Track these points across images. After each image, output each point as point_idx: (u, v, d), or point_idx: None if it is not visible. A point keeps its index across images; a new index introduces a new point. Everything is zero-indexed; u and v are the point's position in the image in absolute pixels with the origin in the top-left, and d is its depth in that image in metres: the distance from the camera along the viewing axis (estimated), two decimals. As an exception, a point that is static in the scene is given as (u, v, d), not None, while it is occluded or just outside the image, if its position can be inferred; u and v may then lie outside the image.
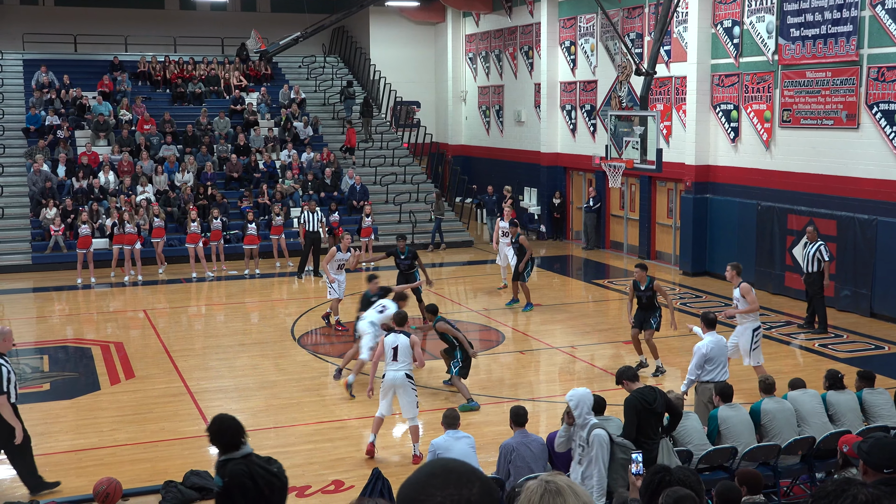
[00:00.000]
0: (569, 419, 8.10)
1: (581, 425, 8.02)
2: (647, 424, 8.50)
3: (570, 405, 8.07)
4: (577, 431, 8.07)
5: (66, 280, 21.46)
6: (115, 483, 7.40)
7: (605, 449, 7.86)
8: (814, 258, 16.21)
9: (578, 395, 8.12)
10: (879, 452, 4.74)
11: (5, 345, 9.23)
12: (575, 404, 8.05)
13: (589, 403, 8.12)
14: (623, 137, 19.70)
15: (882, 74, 17.06)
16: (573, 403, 8.05)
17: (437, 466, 2.43)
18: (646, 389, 8.70)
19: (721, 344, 10.91)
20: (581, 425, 8.02)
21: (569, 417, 8.09)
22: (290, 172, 26.28)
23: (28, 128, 26.76)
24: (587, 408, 8.08)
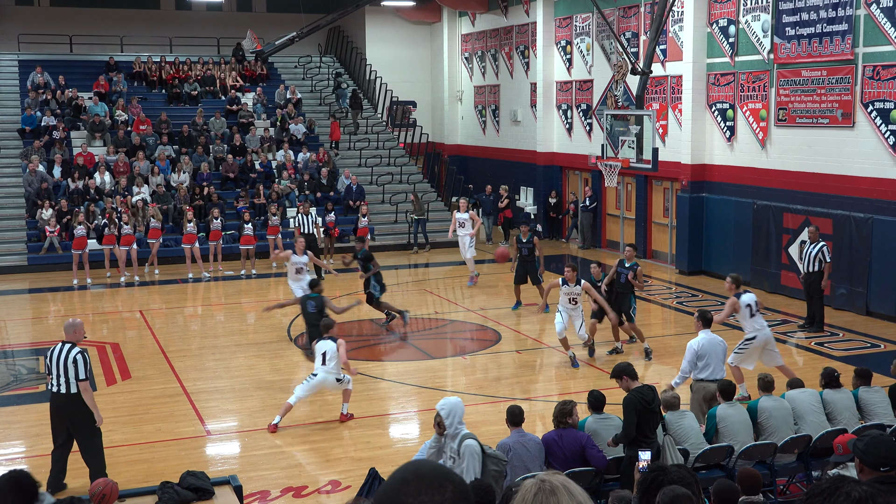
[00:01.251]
0: (439, 429, 7.68)
1: (452, 436, 7.62)
2: (646, 423, 8.52)
3: (441, 414, 7.64)
4: (448, 442, 7.66)
5: (62, 281, 21.44)
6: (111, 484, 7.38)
7: (476, 461, 7.48)
8: (815, 258, 16.21)
9: (450, 403, 7.70)
10: (875, 451, 4.74)
11: (77, 335, 9.77)
12: (446, 413, 7.63)
13: (461, 413, 7.69)
14: (619, 137, 19.72)
15: (877, 73, 17.08)
16: (444, 413, 7.63)
17: (410, 472, 2.39)
18: (644, 388, 8.70)
19: (715, 342, 10.84)
20: (452, 436, 7.62)
21: (439, 427, 7.67)
22: (286, 172, 26.27)
23: (24, 128, 26.72)
24: (459, 417, 7.66)
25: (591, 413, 9.22)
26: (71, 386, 9.56)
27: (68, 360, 9.54)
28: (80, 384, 9.55)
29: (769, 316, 17.65)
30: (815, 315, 16.49)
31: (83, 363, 9.58)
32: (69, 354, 9.56)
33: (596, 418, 9.13)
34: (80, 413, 9.67)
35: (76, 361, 9.53)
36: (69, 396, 9.59)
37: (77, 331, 9.85)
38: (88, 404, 9.65)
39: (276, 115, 29.34)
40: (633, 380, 8.89)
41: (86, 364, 9.62)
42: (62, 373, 9.56)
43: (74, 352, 9.59)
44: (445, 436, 7.66)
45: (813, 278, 16.26)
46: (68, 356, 9.55)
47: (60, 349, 9.66)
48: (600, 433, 8.93)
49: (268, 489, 9.98)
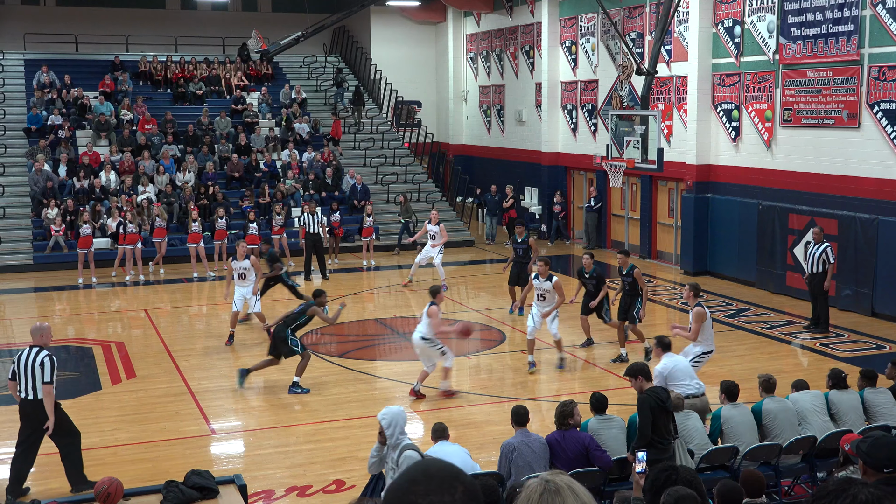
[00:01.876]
0: (381, 438, 7.56)
1: (393, 446, 7.48)
2: (661, 423, 8.49)
3: (381, 424, 7.50)
4: (389, 453, 7.53)
5: (68, 280, 21.48)
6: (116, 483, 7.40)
7: None
8: (819, 259, 16.18)
9: (392, 413, 7.56)
10: (878, 452, 4.74)
11: (44, 339, 9.74)
12: (388, 423, 7.49)
13: (403, 423, 7.54)
14: (624, 137, 19.68)
15: (883, 74, 17.05)
16: (385, 422, 7.49)
17: (419, 471, 2.39)
18: (658, 388, 8.66)
19: (678, 363, 10.70)
20: (393, 446, 7.48)
21: (381, 437, 7.54)
22: (290, 172, 26.29)
23: (29, 128, 26.78)
24: (401, 427, 7.52)
25: (594, 414, 9.21)
26: (38, 391, 9.45)
27: (35, 363, 9.44)
28: (44, 387, 9.42)
29: (774, 317, 17.64)
30: (819, 316, 16.46)
31: (49, 366, 9.45)
32: (36, 358, 9.47)
33: (598, 419, 9.12)
34: (34, 421, 9.52)
35: (43, 364, 9.42)
36: (36, 402, 9.49)
37: (44, 334, 9.77)
38: (46, 408, 9.47)
39: (281, 115, 29.36)
40: (648, 380, 8.84)
41: (53, 367, 9.48)
42: (29, 378, 9.45)
43: (42, 355, 9.49)
44: (387, 446, 7.46)
45: (817, 279, 16.23)
46: (35, 360, 9.46)
47: (28, 353, 9.57)
48: (603, 434, 8.92)
49: (272, 488, 9.99)
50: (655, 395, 8.52)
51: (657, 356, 10.93)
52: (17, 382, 9.57)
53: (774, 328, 16.76)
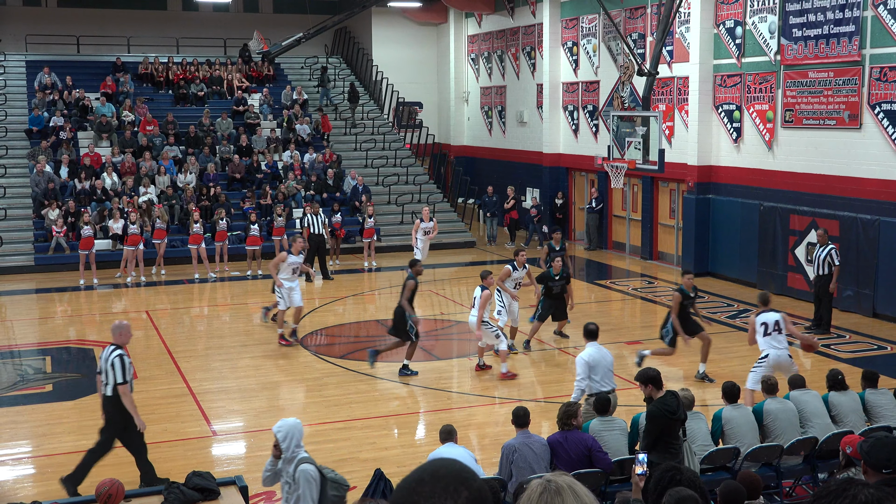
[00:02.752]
0: (275, 452, 7.33)
1: (289, 459, 7.24)
2: (671, 431, 8.50)
3: (277, 437, 7.26)
4: (284, 466, 7.29)
5: (69, 281, 21.49)
6: (117, 484, 7.39)
7: (312, 486, 7.07)
8: (824, 261, 16.14)
9: (287, 425, 7.31)
10: (879, 452, 4.74)
11: (123, 338, 9.88)
12: (283, 436, 7.25)
13: (299, 436, 7.32)
14: (625, 138, 19.67)
15: (884, 74, 17.05)
16: (281, 435, 7.25)
17: (428, 472, 2.38)
18: (668, 398, 8.61)
19: (603, 353, 10.65)
20: (289, 459, 7.24)
21: (275, 450, 7.32)
22: (292, 173, 26.30)
23: (31, 129, 26.79)
24: (297, 440, 7.30)
25: (597, 416, 9.20)
26: (108, 389, 9.73)
27: (108, 362, 9.69)
28: (119, 388, 9.64)
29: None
30: (822, 317, 16.44)
31: (120, 367, 9.65)
32: (111, 357, 9.71)
33: (601, 421, 9.12)
34: (112, 414, 9.82)
35: (114, 365, 9.66)
36: (107, 398, 9.76)
37: (122, 333, 9.95)
38: (128, 408, 9.74)
39: (282, 116, 29.38)
40: (658, 389, 8.78)
41: (123, 367, 9.67)
42: (106, 375, 9.74)
43: (114, 355, 9.70)
44: (283, 459, 7.28)
45: (822, 281, 16.19)
46: (109, 358, 9.71)
47: (106, 351, 9.82)
48: (605, 436, 8.91)
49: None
50: (665, 406, 8.47)
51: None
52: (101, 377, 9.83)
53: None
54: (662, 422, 8.42)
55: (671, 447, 8.43)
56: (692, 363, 14.81)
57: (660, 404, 8.50)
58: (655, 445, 8.38)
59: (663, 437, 8.45)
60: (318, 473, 7.12)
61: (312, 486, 7.03)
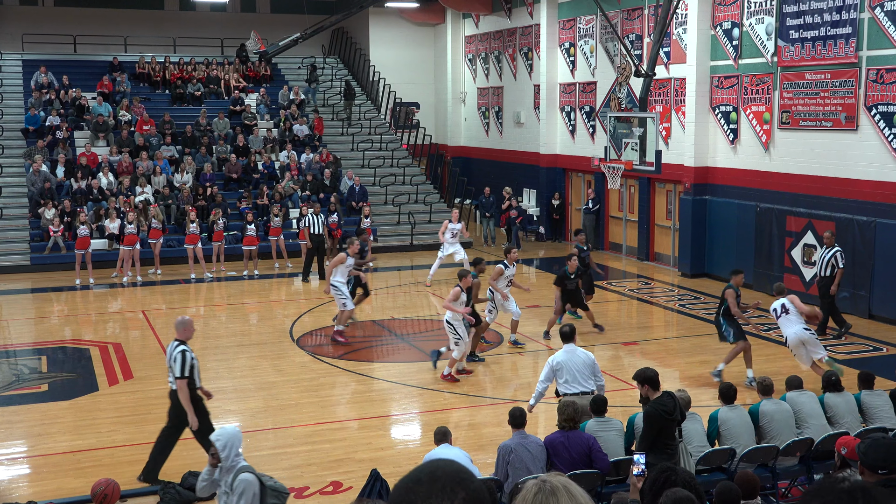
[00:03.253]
0: (212, 461, 7.25)
1: (228, 468, 7.16)
2: (668, 431, 8.52)
3: (216, 446, 7.18)
4: (223, 475, 7.20)
5: (65, 281, 21.46)
6: (113, 484, 7.40)
7: (252, 495, 6.99)
8: (829, 263, 16.10)
9: (227, 434, 7.26)
10: (875, 453, 4.75)
11: (186, 333, 10.12)
12: (223, 445, 7.17)
13: (239, 444, 7.26)
14: (622, 139, 19.70)
15: (881, 76, 17.07)
16: (221, 444, 7.17)
17: (425, 472, 2.38)
18: (664, 398, 8.62)
19: (574, 356, 10.48)
20: (228, 468, 7.16)
21: (213, 459, 7.24)
22: (289, 173, 26.28)
23: (27, 128, 26.76)
24: (237, 449, 7.23)
25: (594, 416, 9.21)
26: (172, 383, 9.97)
27: (172, 357, 9.89)
28: (177, 382, 9.83)
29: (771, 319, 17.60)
30: (838, 319, 16.33)
31: (181, 361, 9.81)
32: (173, 352, 9.89)
33: (597, 422, 9.12)
34: (173, 410, 10.09)
35: (175, 360, 9.83)
36: (173, 391, 9.99)
37: (186, 328, 10.14)
38: (182, 403, 9.89)
39: (279, 116, 29.36)
40: (655, 390, 8.78)
41: (184, 362, 9.81)
42: (170, 369, 9.96)
43: (177, 350, 9.88)
44: (220, 468, 7.20)
45: (825, 282, 16.15)
46: (173, 353, 9.90)
47: (171, 346, 10.02)
48: (601, 437, 8.91)
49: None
50: (663, 407, 8.47)
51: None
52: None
53: (771, 330, 16.73)
54: (659, 423, 8.42)
55: (668, 448, 8.44)
56: (688, 364, 14.83)
57: (657, 405, 8.51)
58: (652, 446, 8.38)
59: (660, 437, 8.46)
60: (257, 482, 7.02)
61: (251, 495, 6.93)
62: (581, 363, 10.45)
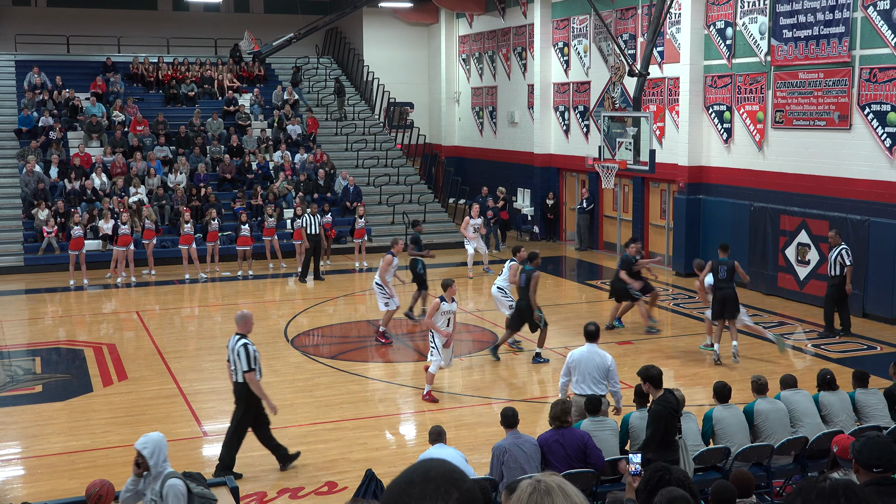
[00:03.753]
0: (137, 470, 7.05)
1: (155, 476, 7.00)
2: (672, 428, 8.56)
3: (143, 454, 6.98)
4: (149, 483, 7.02)
5: (59, 282, 21.42)
6: (107, 485, 7.37)
7: (181, 501, 6.91)
8: (836, 262, 15.98)
9: (153, 441, 7.07)
10: (869, 451, 4.76)
11: (246, 326, 10.32)
12: (150, 452, 6.99)
13: (165, 450, 7.11)
14: (616, 138, 19.70)
15: (874, 75, 17.11)
16: (148, 451, 6.99)
17: (418, 473, 2.37)
18: (668, 395, 8.63)
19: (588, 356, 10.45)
20: (155, 476, 7.00)
21: (137, 468, 7.05)
22: (283, 174, 26.26)
23: (20, 129, 26.69)
24: (164, 455, 7.08)
25: (588, 416, 9.21)
26: (238, 376, 10.15)
27: (235, 351, 10.11)
28: (245, 375, 10.06)
29: (765, 318, 17.66)
30: (844, 322, 16.12)
31: (245, 355, 10.04)
32: (236, 346, 10.11)
33: (591, 421, 9.12)
34: (239, 402, 10.28)
35: (239, 354, 10.05)
36: (239, 385, 10.21)
37: (246, 322, 10.35)
38: (256, 393, 10.15)
39: (273, 117, 29.33)
40: (657, 389, 8.79)
41: (248, 355, 10.04)
42: (234, 363, 10.15)
43: (239, 344, 10.10)
44: (146, 476, 7.04)
45: (835, 282, 15.95)
46: (236, 347, 10.11)
47: (232, 340, 10.21)
48: (596, 436, 8.92)
49: (264, 490, 9.98)
50: (668, 404, 8.51)
51: None
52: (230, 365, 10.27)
53: (766, 329, 16.77)
54: (666, 420, 8.46)
55: (672, 444, 8.49)
56: (683, 363, 14.85)
57: (663, 402, 8.53)
58: (659, 443, 8.42)
59: (665, 434, 8.50)
60: (185, 488, 6.96)
61: (181, 501, 6.89)
62: (595, 365, 10.40)
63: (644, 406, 9.22)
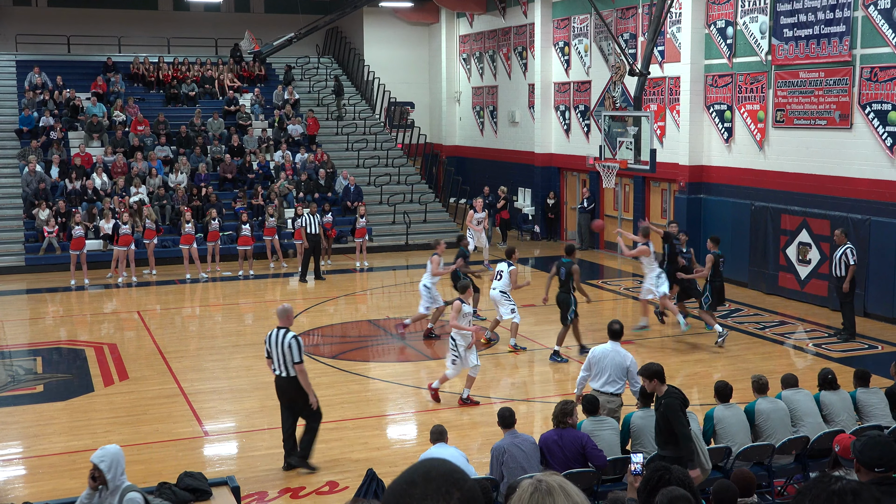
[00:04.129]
0: (92, 483, 6.91)
1: (112, 490, 6.87)
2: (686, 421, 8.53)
3: (101, 468, 6.84)
4: (106, 497, 6.89)
5: (60, 281, 21.42)
6: (108, 485, 7.38)
7: None
8: (840, 261, 15.86)
9: (110, 454, 6.95)
10: (871, 451, 4.76)
11: (289, 320, 10.41)
12: (108, 466, 6.86)
13: (123, 463, 6.99)
14: (617, 138, 19.71)
15: (875, 74, 17.10)
16: (105, 465, 6.85)
17: (419, 474, 2.37)
18: (674, 390, 8.63)
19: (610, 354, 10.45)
20: (112, 490, 6.87)
21: (93, 482, 6.90)
22: (283, 173, 26.26)
23: (21, 129, 26.69)
24: (121, 469, 6.96)
25: (587, 416, 9.21)
26: (290, 370, 10.16)
27: (284, 344, 10.09)
28: (296, 367, 10.12)
29: (766, 317, 17.67)
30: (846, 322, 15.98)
31: (297, 347, 10.10)
32: (285, 339, 10.11)
33: (591, 421, 9.12)
34: (299, 395, 10.29)
35: (290, 346, 10.08)
36: (288, 379, 10.21)
37: (289, 316, 10.45)
38: (304, 386, 10.20)
39: (273, 116, 29.33)
40: (662, 384, 8.80)
41: (300, 347, 10.14)
42: (281, 357, 10.15)
43: (289, 336, 10.13)
44: (101, 490, 6.91)
45: (840, 282, 15.82)
46: (284, 340, 10.11)
47: (277, 334, 10.20)
48: (596, 436, 8.92)
49: (265, 490, 9.98)
50: (679, 396, 8.49)
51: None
52: (271, 360, 10.33)
53: (767, 328, 16.79)
54: (683, 412, 8.45)
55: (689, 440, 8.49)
56: (683, 362, 14.85)
57: (676, 395, 8.47)
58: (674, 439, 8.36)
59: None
60: (143, 501, 6.88)
61: None
62: (616, 364, 10.37)
63: (648, 406, 9.21)
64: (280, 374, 10.26)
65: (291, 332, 10.23)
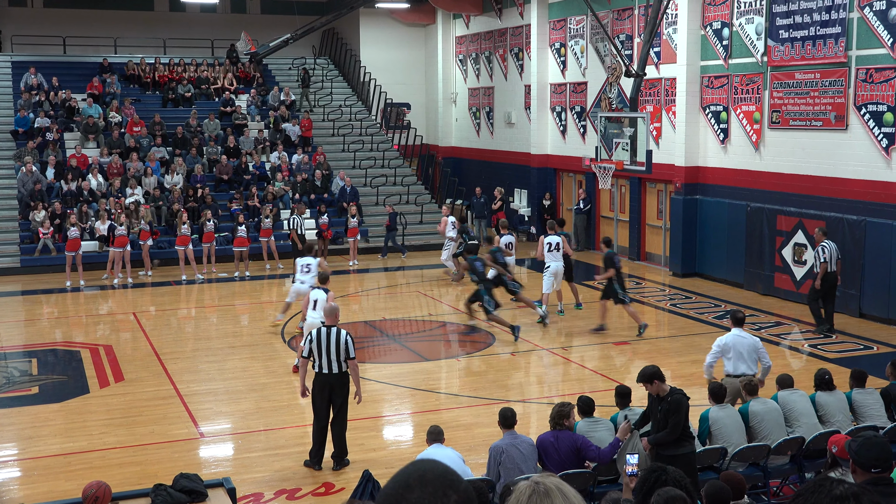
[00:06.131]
0: None
1: None
2: (687, 420, 8.60)
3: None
4: None
5: (55, 283, 21.39)
6: (104, 486, 7.36)
7: None
8: (816, 260, 16.18)
9: None
10: (867, 451, 4.76)
11: (336, 319, 10.75)
12: None
13: None
14: (613, 139, 19.72)
15: (870, 76, 17.13)
16: None
17: (415, 476, 2.35)
18: (675, 389, 8.70)
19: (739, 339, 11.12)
20: None
21: None
22: (280, 174, 26.25)
23: (17, 130, 26.65)
24: None
25: (582, 417, 9.21)
26: (342, 365, 10.45)
27: (339, 341, 10.37)
28: (351, 362, 10.46)
29: (762, 318, 17.68)
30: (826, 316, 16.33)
31: (352, 342, 10.45)
32: (339, 337, 10.38)
33: (586, 422, 9.13)
34: (343, 390, 10.59)
35: (347, 342, 10.39)
36: (338, 375, 10.47)
37: (336, 314, 10.79)
38: (354, 379, 10.58)
39: (269, 117, 29.31)
40: (663, 383, 8.84)
41: (353, 344, 10.47)
42: (333, 354, 10.40)
43: (343, 334, 10.43)
44: None
45: (827, 278, 16.07)
46: (338, 338, 10.37)
47: (328, 332, 10.43)
48: (592, 437, 8.92)
49: (261, 491, 9.97)
50: (685, 395, 8.61)
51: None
52: (307, 359, 10.68)
53: (763, 329, 16.79)
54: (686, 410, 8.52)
55: (690, 436, 8.57)
56: (679, 363, 14.86)
57: (682, 394, 8.59)
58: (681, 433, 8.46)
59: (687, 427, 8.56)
60: None
61: None
62: (748, 346, 11.12)
63: (627, 406, 9.32)
64: (323, 370, 10.43)
65: (344, 330, 10.49)
